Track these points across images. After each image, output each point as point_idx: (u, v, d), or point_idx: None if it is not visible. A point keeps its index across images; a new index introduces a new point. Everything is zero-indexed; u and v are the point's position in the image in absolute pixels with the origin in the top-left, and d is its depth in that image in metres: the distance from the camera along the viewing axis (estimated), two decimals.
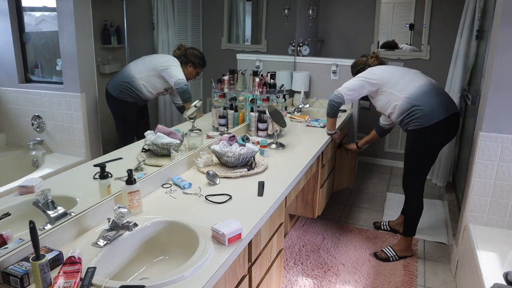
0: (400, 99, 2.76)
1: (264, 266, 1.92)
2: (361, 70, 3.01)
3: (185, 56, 2.33)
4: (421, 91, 2.72)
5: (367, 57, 3.11)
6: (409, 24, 4.69)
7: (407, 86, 2.76)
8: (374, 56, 3.09)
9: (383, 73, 2.86)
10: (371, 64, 3.04)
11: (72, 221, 1.49)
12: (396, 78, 2.81)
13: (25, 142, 1.64)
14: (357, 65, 3.12)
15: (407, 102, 2.73)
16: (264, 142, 2.57)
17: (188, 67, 2.34)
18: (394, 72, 2.86)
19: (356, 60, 3.17)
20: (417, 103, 2.70)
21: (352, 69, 3.17)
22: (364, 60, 3.09)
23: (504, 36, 2.36)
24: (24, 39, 1.56)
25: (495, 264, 2.20)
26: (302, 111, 3.75)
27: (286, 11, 3.92)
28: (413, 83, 2.76)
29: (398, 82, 2.79)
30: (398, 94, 2.77)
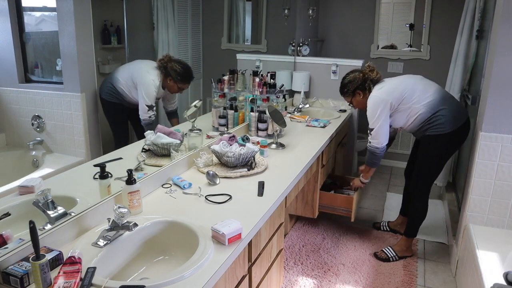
0: (420, 109, 2.68)
1: (264, 266, 1.92)
2: (361, 87, 2.83)
3: (165, 68, 2.19)
4: (439, 97, 2.68)
5: (363, 72, 2.85)
6: (409, 24, 4.69)
7: (423, 95, 2.69)
8: (374, 69, 2.85)
9: (394, 93, 2.71)
10: (374, 77, 2.81)
11: (72, 221, 1.49)
12: (409, 92, 2.70)
13: (25, 142, 1.64)
14: (355, 81, 2.84)
15: (428, 111, 2.67)
16: (264, 142, 2.57)
17: (168, 80, 2.21)
18: (404, 87, 2.72)
19: (351, 77, 2.88)
20: (439, 109, 2.66)
21: (348, 86, 2.88)
22: (361, 76, 2.83)
23: (504, 36, 2.36)
24: (24, 39, 1.56)
25: (495, 264, 2.20)
26: (302, 111, 3.75)
27: (286, 11, 3.92)
28: (427, 91, 2.71)
29: (413, 95, 2.69)
30: (416, 106, 2.68)
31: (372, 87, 2.81)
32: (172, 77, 2.20)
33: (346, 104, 3.88)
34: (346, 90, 2.91)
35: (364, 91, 2.84)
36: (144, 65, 2.18)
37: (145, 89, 2.08)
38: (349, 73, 2.92)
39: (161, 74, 2.18)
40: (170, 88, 2.25)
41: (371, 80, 2.81)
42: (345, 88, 2.91)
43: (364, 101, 2.85)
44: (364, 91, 2.84)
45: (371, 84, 2.81)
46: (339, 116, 3.66)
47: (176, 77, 2.21)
